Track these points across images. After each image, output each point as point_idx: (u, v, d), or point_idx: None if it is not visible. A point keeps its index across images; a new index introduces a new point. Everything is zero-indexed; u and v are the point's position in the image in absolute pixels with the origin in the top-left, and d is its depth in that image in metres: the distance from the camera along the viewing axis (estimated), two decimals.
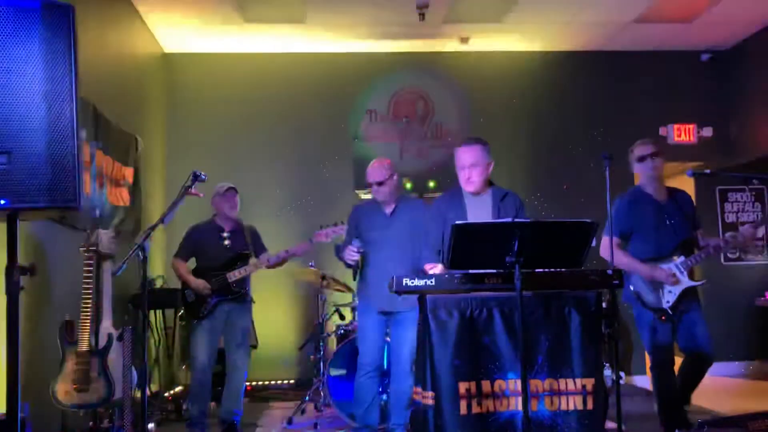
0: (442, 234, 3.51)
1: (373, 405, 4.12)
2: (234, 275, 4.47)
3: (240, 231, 4.64)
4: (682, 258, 3.87)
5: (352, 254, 4.01)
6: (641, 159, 4.00)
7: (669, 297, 3.86)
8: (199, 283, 4.45)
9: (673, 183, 7.68)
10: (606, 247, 3.85)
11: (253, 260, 4.56)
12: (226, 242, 4.57)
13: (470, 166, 3.55)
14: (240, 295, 4.54)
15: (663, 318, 3.85)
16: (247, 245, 4.60)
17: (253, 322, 6.06)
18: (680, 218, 3.99)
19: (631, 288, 3.93)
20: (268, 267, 4.56)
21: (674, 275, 3.85)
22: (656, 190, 4.03)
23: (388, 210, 4.20)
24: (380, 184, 4.13)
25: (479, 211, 3.56)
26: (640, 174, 4.07)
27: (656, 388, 4.00)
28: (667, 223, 3.94)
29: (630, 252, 3.96)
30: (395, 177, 4.18)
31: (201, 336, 4.45)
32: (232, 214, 4.63)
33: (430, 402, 2.98)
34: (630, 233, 3.98)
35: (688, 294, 3.88)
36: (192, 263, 4.70)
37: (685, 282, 3.84)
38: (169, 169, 6.67)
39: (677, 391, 3.95)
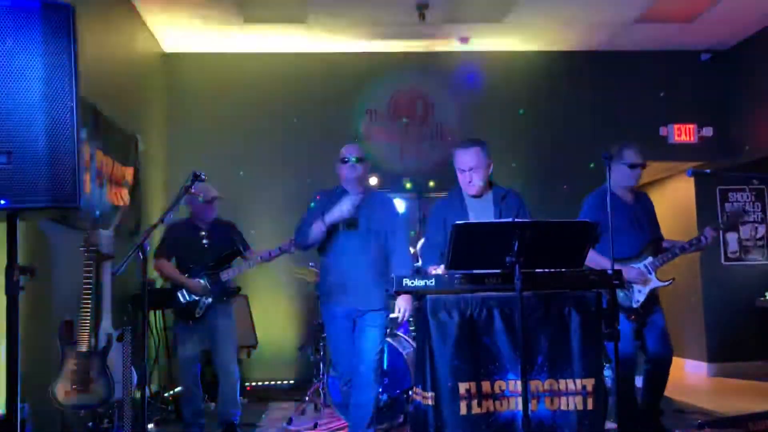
0: (444, 236, 3.47)
1: None
2: (227, 274, 4.44)
3: (219, 228, 4.56)
4: (650, 258, 3.92)
5: (349, 204, 3.68)
6: (633, 166, 3.99)
7: (639, 297, 3.90)
8: (196, 284, 4.37)
9: (673, 183, 7.74)
10: None
11: (248, 256, 4.52)
12: (205, 241, 4.48)
13: (470, 169, 3.51)
14: (229, 294, 4.51)
15: (633, 317, 3.89)
16: (229, 244, 4.54)
17: (252, 322, 6.09)
18: (646, 220, 4.06)
19: None
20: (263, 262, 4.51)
21: (644, 275, 3.89)
22: (624, 193, 4.07)
23: (369, 199, 3.89)
24: (359, 160, 3.84)
25: (480, 212, 3.55)
26: (619, 177, 4.03)
27: (616, 386, 3.98)
28: (636, 224, 3.99)
29: (599, 251, 3.92)
30: (368, 164, 3.94)
31: (188, 338, 4.38)
32: (210, 221, 4.57)
33: (430, 402, 2.98)
34: (599, 233, 3.95)
35: (653, 297, 3.94)
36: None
37: (654, 282, 3.89)
38: (169, 169, 6.67)
39: (634, 391, 4.02)
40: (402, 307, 3.75)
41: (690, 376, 7.02)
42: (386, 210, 3.95)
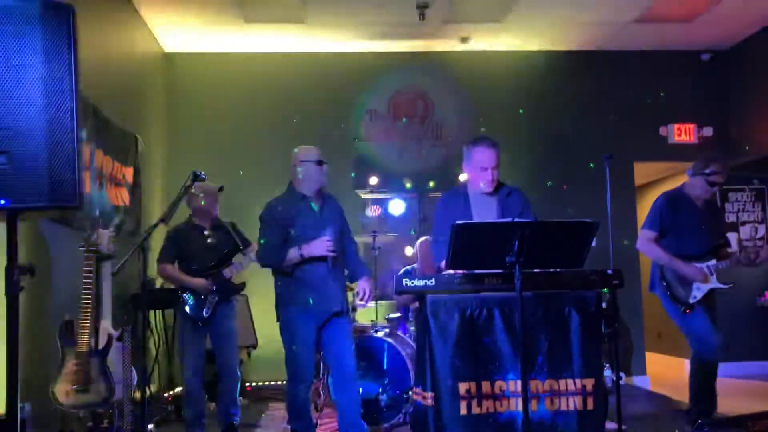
0: None
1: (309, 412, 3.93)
2: (229, 272, 4.43)
3: (221, 228, 4.56)
4: (713, 261, 4.12)
5: (330, 245, 3.68)
6: (712, 183, 4.18)
7: (697, 293, 4.10)
8: (200, 282, 4.36)
9: (673, 183, 7.72)
10: (643, 239, 4.23)
11: (249, 252, 4.52)
12: (209, 240, 4.48)
13: (492, 168, 3.55)
14: (235, 291, 4.51)
15: (687, 311, 4.09)
16: (230, 241, 4.53)
17: (253, 323, 6.08)
18: (713, 225, 4.27)
19: (664, 284, 4.20)
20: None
21: (705, 274, 4.10)
22: (697, 198, 4.27)
23: (317, 206, 3.88)
24: (320, 163, 3.85)
25: (484, 210, 3.57)
26: (697, 187, 4.24)
27: (692, 376, 4.18)
28: (702, 227, 4.19)
29: (664, 247, 4.20)
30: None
31: (194, 339, 4.38)
32: (215, 216, 4.59)
33: (430, 402, 2.98)
34: (667, 231, 4.20)
35: (711, 297, 4.14)
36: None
37: (714, 282, 4.09)
38: (169, 169, 6.67)
39: (714, 391, 4.13)
40: (366, 288, 3.90)
41: None
42: (341, 213, 4.03)
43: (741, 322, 6.92)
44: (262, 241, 3.84)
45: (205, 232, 4.50)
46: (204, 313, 4.34)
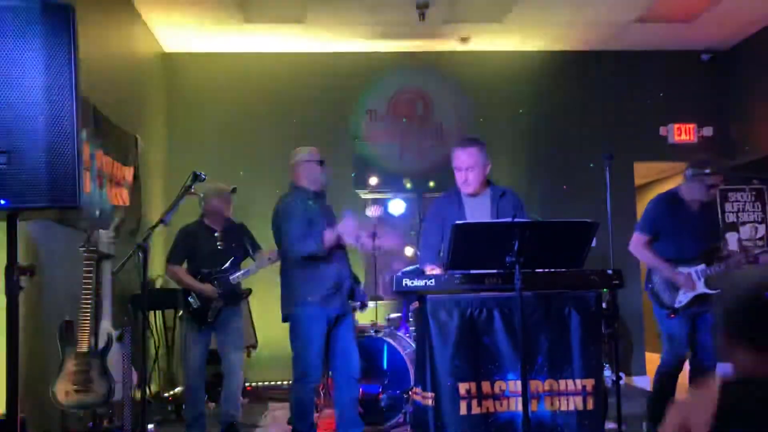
0: (442, 235, 3.48)
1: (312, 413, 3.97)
2: (237, 277, 4.43)
3: (232, 231, 4.56)
4: (703, 266, 4.04)
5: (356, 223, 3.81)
6: (712, 186, 4.11)
7: (682, 298, 4.03)
8: (207, 288, 4.34)
9: (673, 183, 7.71)
10: (635, 242, 4.15)
11: (258, 257, 4.52)
12: (219, 244, 4.47)
13: (467, 168, 3.50)
14: (240, 297, 4.50)
15: (672, 315, 4.04)
16: (240, 245, 4.54)
17: (253, 323, 6.08)
18: (707, 228, 4.21)
19: (650, 286, 4.16)
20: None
21: (692, 280, 4.01)
22: (692, 201, 4.20)
23: (315, 204, 3.92)
24: (321, 163, 3.94)
25: (477, 212, 3.55)
26: (694, 190, 4.17)
27: (655, 382, 4.16)
28: (696, 230, 4.12)
29: (656, 251, 4.14)
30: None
31: (198, 340, 4.37)
32: (229, 215, 4.59)
33: (430, 402, 2.98)
34: (659, 233, 4.14)
35: (703, 300, 4.05)
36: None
37: (700, 288, 4.01)
38: (169, 169, 6.67)
39: (671, 394, 4.07)
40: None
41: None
42: (333, 213, 4.07)
43: None
44: (291, 232, 3.78)
45: (216, 234, 4.48)
46: (209, 317, 4.33)
